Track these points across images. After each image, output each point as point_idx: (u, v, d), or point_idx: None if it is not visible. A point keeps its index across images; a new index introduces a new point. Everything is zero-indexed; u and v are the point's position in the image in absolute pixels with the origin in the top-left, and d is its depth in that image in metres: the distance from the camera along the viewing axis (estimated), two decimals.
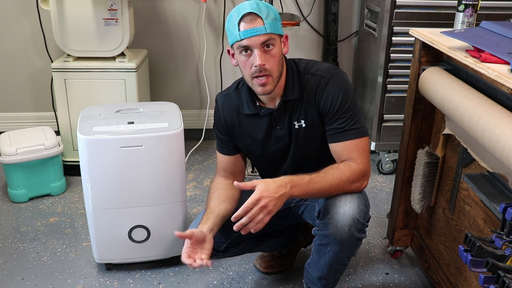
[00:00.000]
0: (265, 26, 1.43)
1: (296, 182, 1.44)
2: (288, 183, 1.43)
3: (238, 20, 1.44)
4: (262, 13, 1.44)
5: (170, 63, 3.12)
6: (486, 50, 1.34)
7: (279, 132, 1.62)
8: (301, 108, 1.57)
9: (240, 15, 1.44)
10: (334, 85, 1.53)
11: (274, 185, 1.41)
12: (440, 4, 2.47)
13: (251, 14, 1.43)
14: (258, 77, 1.47)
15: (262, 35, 1.43)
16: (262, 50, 1.45)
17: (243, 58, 1.48)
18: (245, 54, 1.47)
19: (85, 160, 1.79)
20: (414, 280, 1.99)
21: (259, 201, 1.38)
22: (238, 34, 1.44)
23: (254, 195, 1.38)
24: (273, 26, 1.45)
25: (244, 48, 1.45)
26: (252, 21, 1.43)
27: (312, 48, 3.15)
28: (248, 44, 1.44)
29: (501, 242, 1.11)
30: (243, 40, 1.44)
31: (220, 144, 1.73)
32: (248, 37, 1.43)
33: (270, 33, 1.44)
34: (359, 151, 1.53)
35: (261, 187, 1.39)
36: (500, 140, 1.19)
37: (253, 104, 1.60)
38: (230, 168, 1.74)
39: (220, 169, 1.76)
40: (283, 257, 2.02)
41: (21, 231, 2.27)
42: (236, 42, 1.46)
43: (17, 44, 2.98)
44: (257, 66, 1.45)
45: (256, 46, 1.44)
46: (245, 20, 1.43)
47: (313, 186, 1.46)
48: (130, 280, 1.97)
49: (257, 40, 1.43)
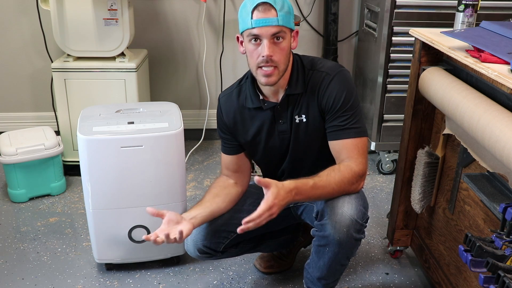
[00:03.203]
0: (278, 18, 1.43)
1: (301, 189, 1.45)
2: (293, 189, 1.43)
3: (252, 8, 1.44)
4: (276, 5, 1.44)
5: (170, 63, 3.12)
6: (486, 50, 1.34)
7: (281, 126, 1.62)
8: (303, 103, 1.57)
9: (255, 3, 1.44)
10: (338, 82, 1.53)
11: (283, 193, 1.40)
12: (440, 4, 2.47)
13: (266, 4, 1.44)
14: (263, 67, 1.47)
15: (274, 26, 1.43)
16: (271, 41, 1.45)
17: (252, 47, 1.48)
18: (254, 43, 1.47)
19: (85, 160, 1.79)
20: (414, 280, 1.99)
21: (271, 208, 1.38)
22: (250, 22, 1.44)
23: (268, 202, 1.38)
24: (285, 19, 1.45)
25: (254, 37, 1.45)
26: (266, 11, 1.43)
27: (312, 48, 3.15)
28: (258, 33, 1.44)
29: (501, 242, 1.11)
30: (255, 28, 1.44)
31: (223, 144, 1.74)
32: (259, 26, 1.43)
33: (282, 25, 1.44)
34: (359, 151, 1.53)
35: (274, 193, 1.38)
36: (500, 140, 1.19)
37: (256, 97, 1.61)
38: (233, 167, 1.74)
39: (223, 168, 1.77)
40: (283, 257, 2.02)
41: (21, 231, 2.27)
42: (247, 30, 1.47)
43: (17, 44, 2.98)
44: (264, 56, 1.45)
45: (266, 37, 1.44)
46: (259, 9, 1.44)
47: (315, 191, 1.47)
48: (130, 280, 1.97)
49: (268, 31, 1.44)
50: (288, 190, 1.41)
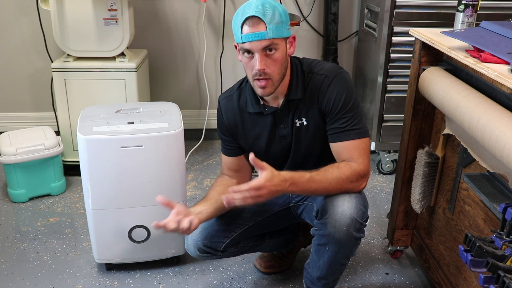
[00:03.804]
0: (268, 31, 1.41)
1: (296, 180, 1.45)
2: (288, 180, 1.43)
3: (242, 23, 1.43)
4: (266, 17, 1.41)
5: (170, 63, 3.12)
6: (486, 50, 1.34)
7: (282, 131, 1.62)
8: (303, 107, 1.57)
9: (244, 17, 1.43)
10: (338, 84, 1.53)
11: (277, 180, 1.41)
12: (440, 4, 2.47)
13: (254, 18, 1.41)
14: (258, 79, 1.47)
15: (263, 40, 1.42)
16: (263, 54, 1.44)
17: (246, 59, 1.48)
18: (247, 55, 1.47)
19: (85, 160, 1.79)
20: (414, 280, 1.99)
21: (261, 189, 1.38)
22: (240, 37, 1.44)
23: (259, 181, 1.38)
24: (276, 30, 1.43)
25: (246, 51, 1.45)
26: (255, 25, 1.42)
27: (312, 48, 3.15)
28: (249, 48, 1.44)
29: (501, 242, 1.11)
30: (245, 43, 1.44)
31: (224, 146, 1.74)
32: (249, 41, 1.43)
33: (273, 38, 1.43)
34: (360, 152, 1.53)
35: (267, 176, 1.39)
36: (500, 140, 1.19)
37: (257, 102, 1.61)
38: (235, 168, 1.75)
39: (224, 168, 1.78)
40: (283, 257, 2.02)
41: (21, 231, 2.27)
42: (238, 44, 1.47)
43: (17, 44, 2.98)
44: (257, 71, 1.45)
45: (257, 51, 1.43)
46: (248, 24, 1.42)
47: (311, 184, 1.47)
48: (130, 280, 1.97)
49: (258, 45, 1.43)
50: (283, 179, 1.42)
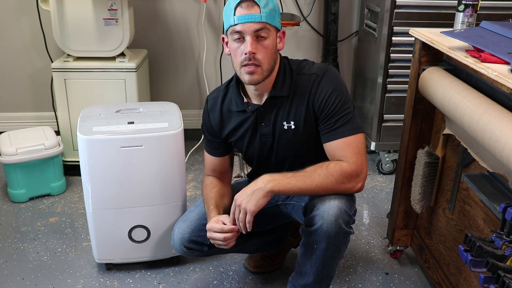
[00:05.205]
0: (262, 14, 1.42)
1: (276, 178, 1.45)
2: (265, 178, 1.45)
3: (235, 5, 1.43)
4: (260, 2, 1.43)
5: (170, 63, 3.12)
6: (486, 50, 1.34)
7: (263, 129, 1.60)
8: (291, 108, 1.55)
9: (238, 0, 1.43)
10: (328, 81, 1.52)
11: (248, 189, 1.47)
12: (440, 4, 2.47)
13: (249, 1, 1.43)
14: (247, 65, 1.46)
15: (256, 23, 1.42)
16: (254, 38, 1.44)
17: (235, 45, 1.46)
18: (237, 40, 1.45)
19: (85, 160, 1.79)
20: (414, 280, 1.99)
21: (235, 201, 1.47)
22: (233, 19, 1.43)
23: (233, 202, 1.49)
24: (269, 16, 1.44)
25: (237, 34, 1.44)
26: (249, 7, 1.42)
27: (312, 48, 3.15)
28: (241, 30, 1.43)
29: (501, 242, 1.11)
30: (237, 25, 1.43)
31: (208, 145, 1.75)
32: (242, 22, 1.42)
33: (265, 22, 1.43)
34: (352, 150, 1.48)
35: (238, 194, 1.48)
36: (500, 140, 1.19)
37: (241, 100, 1.60)
38: (219, 168, 1.77)
39: (209, 169, 1.78)
40: (272, 257, 2.01)
41: (21, 231, 2.27)
42: (230, 27, 1.46)
43: (17, 44, 2.98)
44: (247, 54, 1.43)
45: (249, 33, 1.43)
46: (242, 6, 1.43)
47: (295, 183, 1.45)
48: (130, 280, 1.97)
49: (250, 27, 1.42)
50: (256, 182, 1.46)
